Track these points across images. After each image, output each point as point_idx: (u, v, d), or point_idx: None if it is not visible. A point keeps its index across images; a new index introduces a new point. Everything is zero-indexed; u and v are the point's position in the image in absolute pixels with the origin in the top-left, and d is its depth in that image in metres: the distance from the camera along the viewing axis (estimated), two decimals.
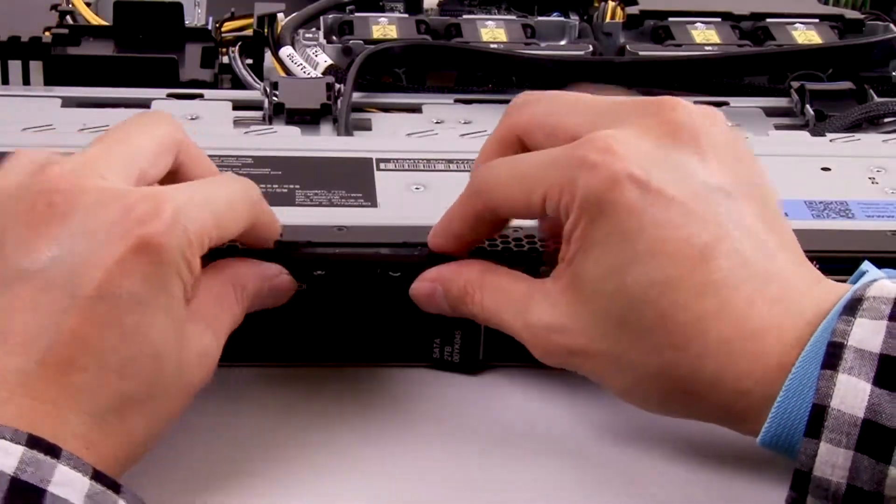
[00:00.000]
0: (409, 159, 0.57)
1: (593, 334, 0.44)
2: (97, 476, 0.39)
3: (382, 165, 0.56)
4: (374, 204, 0.53)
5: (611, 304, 0.44)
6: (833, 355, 0.42)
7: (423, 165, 0.56)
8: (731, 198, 0.45)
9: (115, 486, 0.39)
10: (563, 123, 0.47)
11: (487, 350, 0.52)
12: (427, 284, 0.49)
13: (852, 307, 0.43)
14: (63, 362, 0.40)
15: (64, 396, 0.40)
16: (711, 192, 0.44)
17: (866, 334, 0.42)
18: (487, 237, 0.49)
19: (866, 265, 0.46)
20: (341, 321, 0.50)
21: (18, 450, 0.37)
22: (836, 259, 0.49)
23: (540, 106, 0.48)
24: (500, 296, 0.47)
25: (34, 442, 0.38)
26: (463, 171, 0.56)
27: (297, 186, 0.54)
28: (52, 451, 0.38)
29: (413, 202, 0.53)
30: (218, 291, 0.46)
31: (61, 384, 0.40)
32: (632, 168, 0.43)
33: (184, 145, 0.47)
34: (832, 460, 0.42)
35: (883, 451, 0.41)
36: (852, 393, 0.41)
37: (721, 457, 0.48)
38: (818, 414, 0.42)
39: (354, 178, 0.55)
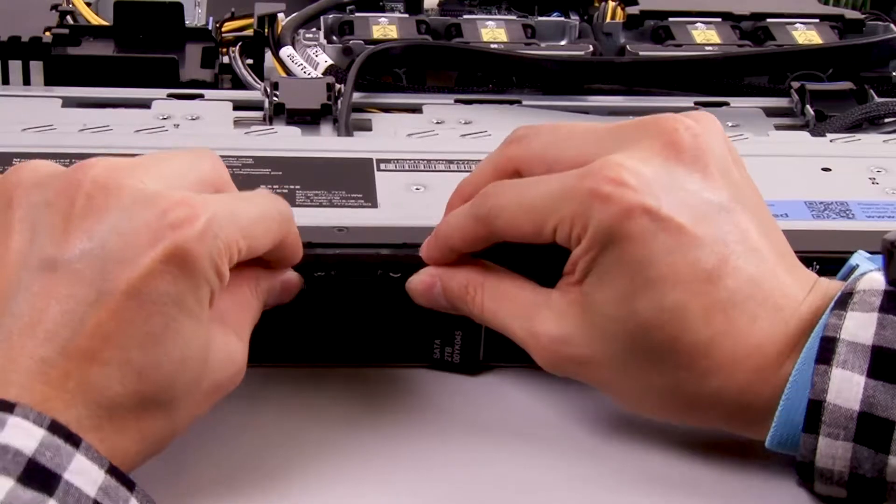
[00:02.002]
0: (410, 160, 0.57)
1: (600, 350, 0.45)
2: (112, 470, 0.39)
3: (383, 166, 0.56)
4: (374, 204, 0.53)
5: (620, 327, 0.45)
6: (826, 350, 0.43)
7: (424, 166, 0.56)
8: (734, 213, 0.45)
9: (129, 483, 0.39)
10: (564, 156, 0.47)
11: (488, 351, 0.52)
12: (426, 278, 0.49)
13: (843, 301, 0.44)
14: (85, 354, 0.40)
15: (81, 388, 0.40)
16: (716, 211, 0.45)
17: (858, 327, 0.43)
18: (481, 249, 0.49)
19: (856, 257, 0.47)
20: (341, 322, 0.51)
21: (40, 433, 0.38)
22: (836, 259, 0.49)
23: (539, 139, 0.48)
24: (502, 300, 0.47)
25: (56, 428, 0.38)
26: (463, 171, 0.56)
27: (298, 187, 0.54)
28: (72, 439, 0.39)
29: (413, 203, 0.53)
30: (236, 292, 0.46)
31: (81, 377, 0.40)
32: (643, 199, 0.44)
33: (224, 184, 0.47)
34: (832, 453, 0.43)
35: (881, 441, 0.42)
36: (847, 387, 0.42)
37: (725, 447, 0.48)
38: (815, 409, 0.43)
39: (355, 179, 0.55)
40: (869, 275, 0.45)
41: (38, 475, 0.37)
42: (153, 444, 0.42)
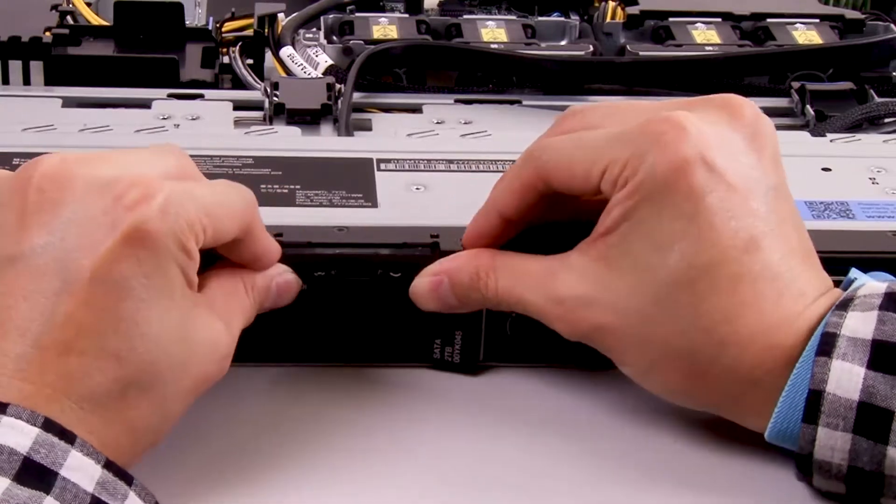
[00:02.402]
0: (410, 159, 0.57)
1: (623, 308, 0.45)
2: (109, 465, 0.39)
3: (383, 166, 0.56)
4: (374, 204, 0.53)
5: (649, 279, 0.44)
6: (827, 343, 0.43)
7: (424, 166, 0.56)
8: (780, 198, 0.46)
9: (126, 477, 0.39)
10: (626, 120, 0.47)
11: (488, 351, 0.52)
12: (430, 279, 0.48)
13: (844, 304, 0.44)
14: (60, 346, 0.40)
15: (62, 381, 0.40)
16: (765, 189, 0.46)
17: (858, 324, 0.43)
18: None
19: (853, 273, 0.47)
20: (341, 322, 0.50)
21: (34, 431, 0.38)
22: (836, 259, 0.49)
23: (598, 110, 0.49)
24: (517, 275, 0.47)
25: (49, 425, 0.38)
26: (463, 171, 0.56)
27: (298, 187, 0.54)
28: (67, 436, 0.39)
29: (413, 202, 0.53)
30: (227, 284, 0.46)
31: (59, 368, 0.40)
32: (703, 150, 0.44)
33: (190, 178, 0.46)
34: (831, 443, 0.43)
35: (880, 432, 0.42)
36: (847, 377, 0.43)
37: (725, 443, 0.48)
38: (814, 399, 0.43)
39: (355, 179, 0.55)
40: (869, 283, 0.46)
41: (33, 473, 0.37)
42: (145, 434, 0.42)
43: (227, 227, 0.45)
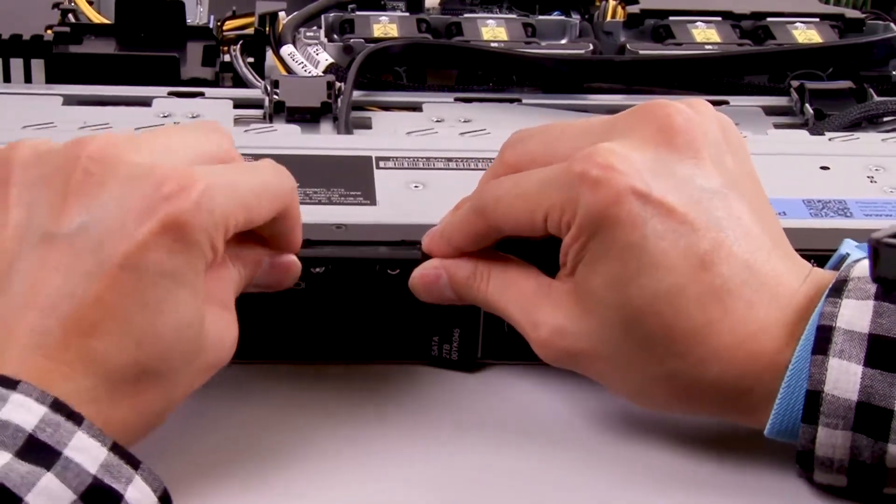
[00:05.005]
0: (409, 157, 0.57)
1: (596, 340, 0.45)
2: (116, 448, 0.39)
3: (382, 164, 0.56)
4: (373, 202, 0.53)
5: (614, 315, 0.44)
6: (823, 339, 0.43)
7: (423, 164, 0.56)
8: (728, 198, 0.45)
9: (133, 461, 0.40)
10: (559, 151, 0.47)
11: (486, 348, 0.52)
12: (431, 271, 0.49)
13: (838, 289, 0.44)
14: (85, 326, 0.40)
15: (81, 360, 0.40)
16: (709, 196, 0.45)
17: (854, 315, 0.43)
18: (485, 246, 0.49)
19: (845, 246, 0.47)
20: (340, 319, 0.51)
21: (41, 410, 0.38)
22: None
23: (533, 140, 0.48)
24: (507, 287, 0.47)
25: (58, 406, 0.39)
26: (462, 169, 0.56)
27: (297, 184, 0.54)
28: (74, 417, 0.39)
29: (412, 200, 0.53)
30: (216, 264, 0.45)
31: (80, 347, 0.40)
32: (633, 181, 0.44)
33: (231, 159, 0.46)
34: (832, 442, 0.43)
35: (880, 430, 0.43)
36: (844, 377, 0.43)
37: (725, 438, 0.48)
38: (813, 400, 0.43)
39: (354, 177, 0.55)
40: (862, 262, 0.45)
41: (36, 450, 0.38)
42: (149, 416, 0.42)
43: (261, 215, 0.45)
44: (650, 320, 0.44)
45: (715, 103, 0.68)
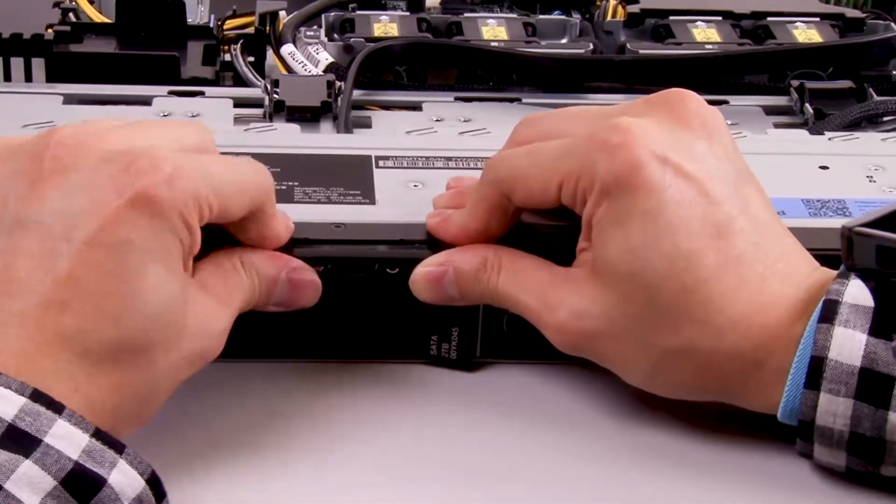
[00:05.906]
0: (408, 157, 0.57)
1: (617, 317, 0.45)
2: (98, 434, 0.39)
3: (381, 163, 0.56)
4: (372, 201, 0.53)
5: (634, 283, 0.45)
6: (829, 310, 0.44)
7: (422, 163, 0.56)
8: (739, 183, 0.46)
9: (117, 446, 0.40)
10: (574, 130, 0.47)
11: (484, 347, 0.52)
12: (435, 268, 0.49)
13: (845, 273, 0.45)
14: (59, 304, 0.41)
15: (58, 338, 0.40)
16: (723, 174, 0.46)
17: (860, 292, 0.44)
18: (497, 234, 0.49)
19: None
20: (339, 318, 0.51)
21: (20, 400, 0.39)
22: (833, 258, 0.49)
23: (547, 120, 0.49)
24: (521, 276, 0.48)
25: (37, 396, 0.39)
26: (462, 168, 0.56)
27: (296, 183, 0.54)
28: (55, 406, 0.39)
29: (411, 199, 0.53)
30: (224, 263, 0.46)
31: (57, 326, 0.40)
32: (653, 147, 0.45)
33: (210, 151, 0.47)
34: (833, 409, 0.43)
35: (881, 397, 0.43)
36: (849, 343, 0.43)
37: (724, 431, 0.48)
38: (817, 366, 0.43)
39: (353, 176, 0.55)
40: None
41: (15, 438, 0.38)
42: (130, 401, 0.42)
43: (236, 206, 0.45)
44: (670, 284, 0.44)
45: (715, 103, 0.69)
